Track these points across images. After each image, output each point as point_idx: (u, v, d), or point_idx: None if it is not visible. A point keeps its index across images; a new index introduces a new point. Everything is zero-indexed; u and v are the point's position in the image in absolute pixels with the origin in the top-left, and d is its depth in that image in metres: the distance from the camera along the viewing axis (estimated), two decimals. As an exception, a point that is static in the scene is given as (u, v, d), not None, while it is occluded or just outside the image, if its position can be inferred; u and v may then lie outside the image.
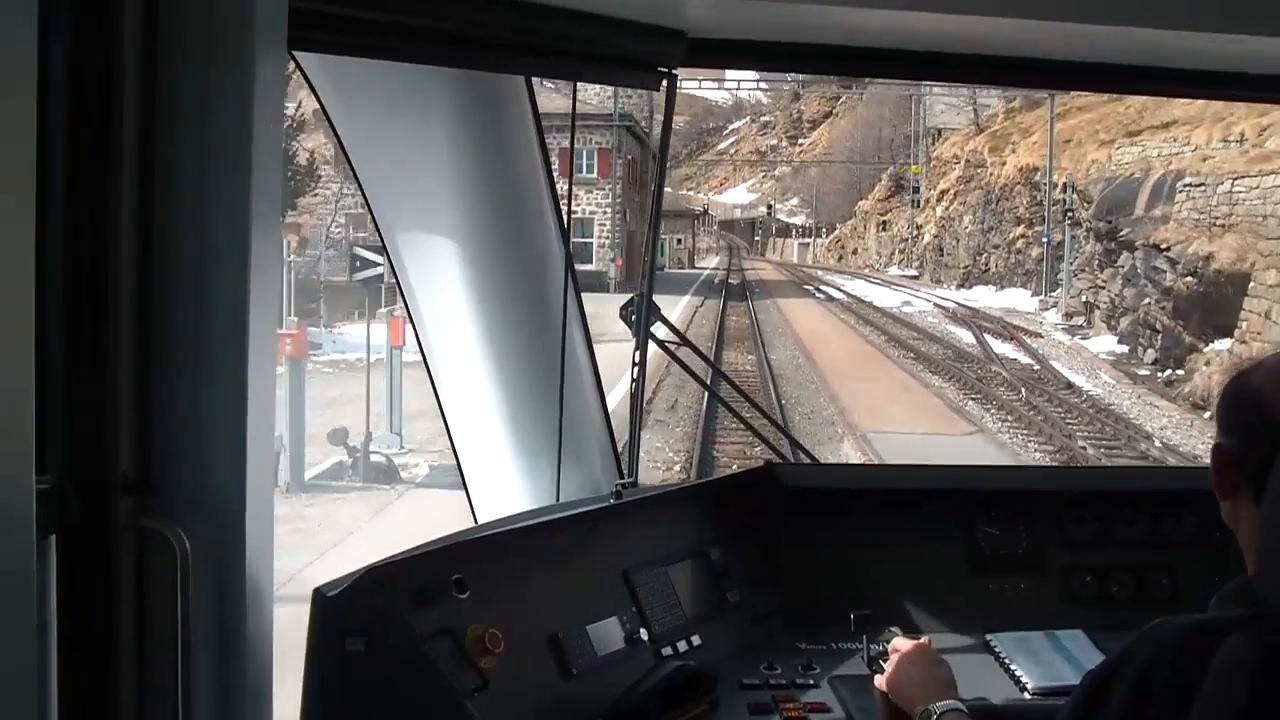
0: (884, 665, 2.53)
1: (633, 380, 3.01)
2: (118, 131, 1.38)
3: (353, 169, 2.74)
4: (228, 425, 1.47)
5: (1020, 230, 48.55)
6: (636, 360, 3.00)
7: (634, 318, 2.98)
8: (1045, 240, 41.80)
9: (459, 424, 3.07)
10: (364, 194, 2.79)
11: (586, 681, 2.34)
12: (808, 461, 3.28)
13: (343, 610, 2.01)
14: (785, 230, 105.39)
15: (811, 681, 2.61)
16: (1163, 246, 27.72)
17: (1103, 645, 2.75)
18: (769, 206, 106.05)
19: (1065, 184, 40.51)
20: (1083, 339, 32.16)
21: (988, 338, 31.37)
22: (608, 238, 50.08)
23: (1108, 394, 23.09)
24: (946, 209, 60.99)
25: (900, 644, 2.53)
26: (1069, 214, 38.75)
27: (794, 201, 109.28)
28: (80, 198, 1.36)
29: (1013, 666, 2.72)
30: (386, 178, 2.77)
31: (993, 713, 2.38)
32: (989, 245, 52.90)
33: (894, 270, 71.80)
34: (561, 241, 2.88)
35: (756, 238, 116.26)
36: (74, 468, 1.36)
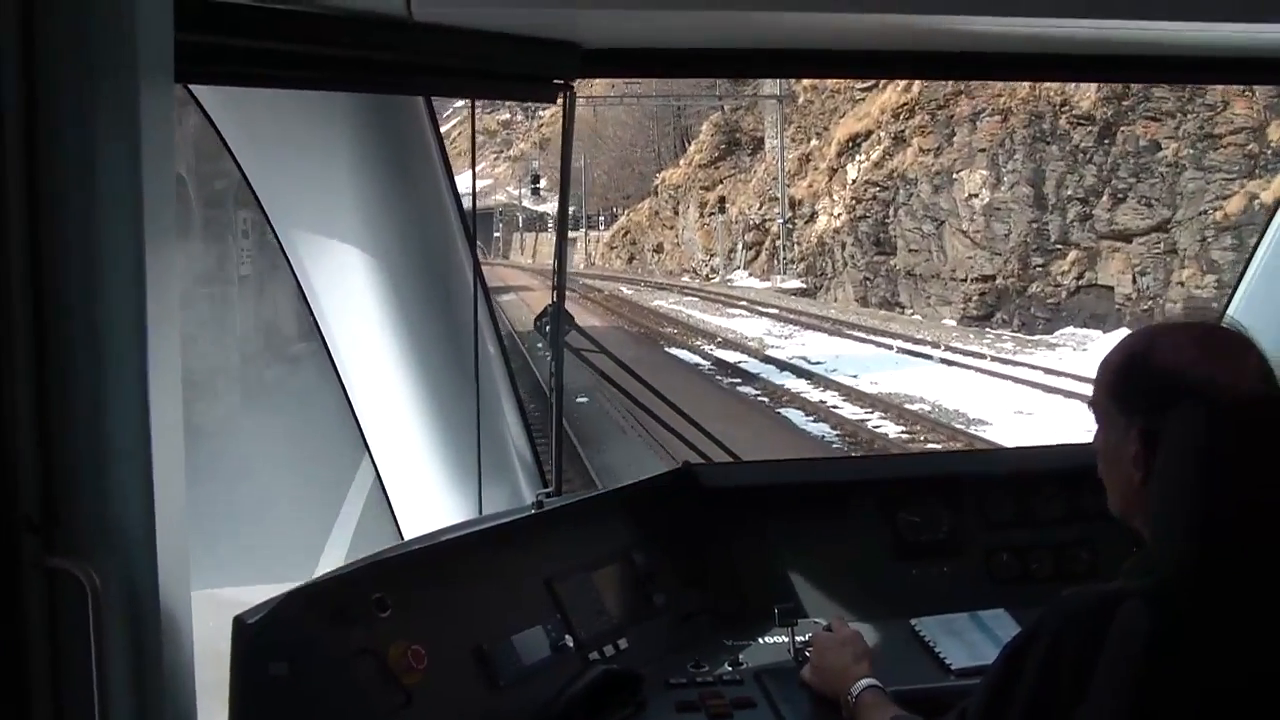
0: (809, 656, 2.59)
1: (551, 390, 3.02)
2: None
3: (256, 198, 2.73)
4: (131, 453, 1.43)
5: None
6: (553, 370, 3.01)
7: (548, 327, 2.99)
8: None
9: (379, 443, 3.07)
10: (269, 221, 2.79)
11: (513, 692, 2.35)
12: (728, 460, 3.29)
13: (264, 635, 2.00)
14: (537, 222, 76.71)
15: (738, 677, 2.63)
16: None
17: (1024, 622, 2.79)
18: (535, 178, 77.90)
19: None
20: None
21: None
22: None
23: None
24: (876, 168, 34.43)
25: (819, 636, 2.59)
26: None
27: (543, 183, 78.24)
28: None
29: (937, 649, 2.77)
30: (290, 204, 2.76)
31: (915, 697, 2.42)
32: (1105, 228, 25.77)
33: (743, 277, 45.24)
34: (469, 255, 2.89)
35: (496, 234, 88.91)
36: None
